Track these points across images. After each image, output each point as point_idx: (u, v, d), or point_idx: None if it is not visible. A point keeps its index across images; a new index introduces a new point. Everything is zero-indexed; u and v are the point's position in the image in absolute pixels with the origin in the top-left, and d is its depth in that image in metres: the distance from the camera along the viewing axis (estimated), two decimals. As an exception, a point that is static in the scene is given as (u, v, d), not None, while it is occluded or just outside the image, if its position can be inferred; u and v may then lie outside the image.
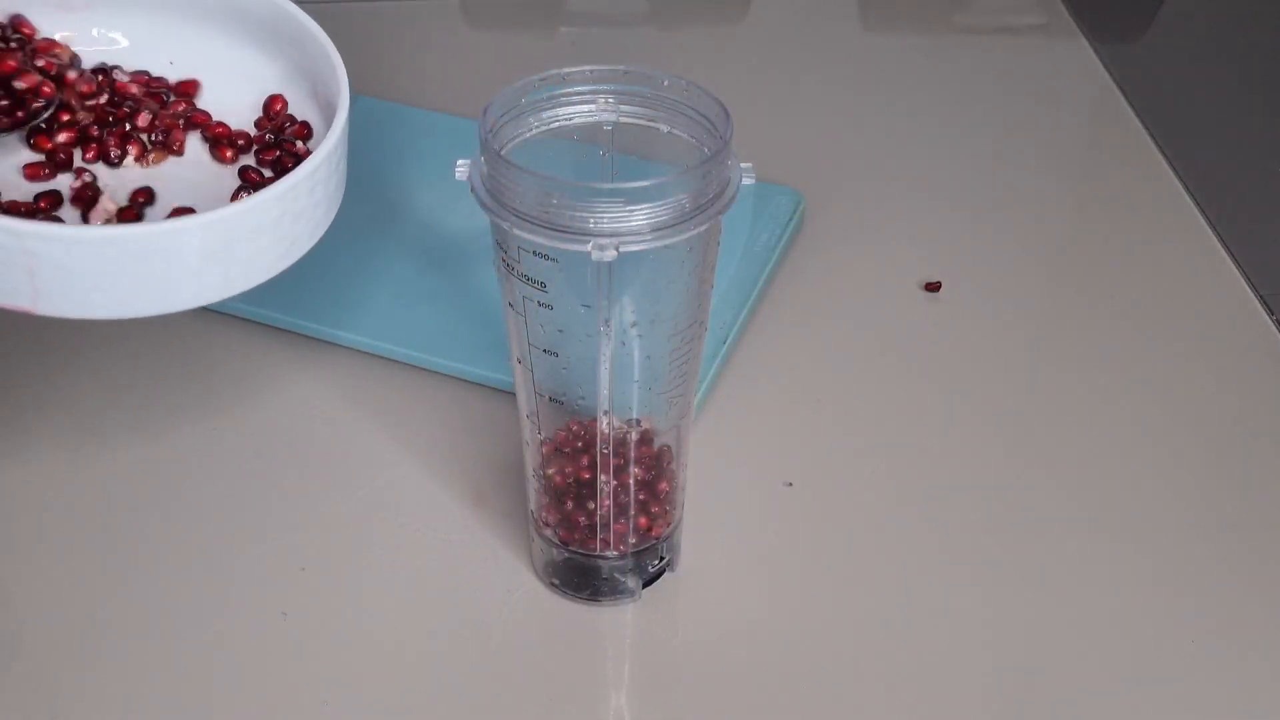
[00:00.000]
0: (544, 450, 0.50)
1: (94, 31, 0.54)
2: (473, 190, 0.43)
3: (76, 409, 0.61)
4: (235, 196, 0.51)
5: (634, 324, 0.45)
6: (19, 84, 0.50)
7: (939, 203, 0.77)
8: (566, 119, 0.46)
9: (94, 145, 0.52)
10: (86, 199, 0.50)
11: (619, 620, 0.53)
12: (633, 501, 0.50)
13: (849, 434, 0.61)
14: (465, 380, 0.62)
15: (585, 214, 0.41)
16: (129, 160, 0.53)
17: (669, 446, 0.50)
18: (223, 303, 0.65)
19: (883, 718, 0.50)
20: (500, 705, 0.49)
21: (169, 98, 0.54)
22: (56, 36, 0.53)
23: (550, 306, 0.44)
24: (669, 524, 0.52)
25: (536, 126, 0.46)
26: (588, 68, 0.46)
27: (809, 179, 0.76)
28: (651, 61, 0.47)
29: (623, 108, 0.46)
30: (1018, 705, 0.50)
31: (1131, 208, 0.77)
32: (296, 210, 0.46)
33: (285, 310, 0.65)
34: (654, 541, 0.52)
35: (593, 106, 0.46)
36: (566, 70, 0.46)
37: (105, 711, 0.49)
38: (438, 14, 0.96)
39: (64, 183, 0.51)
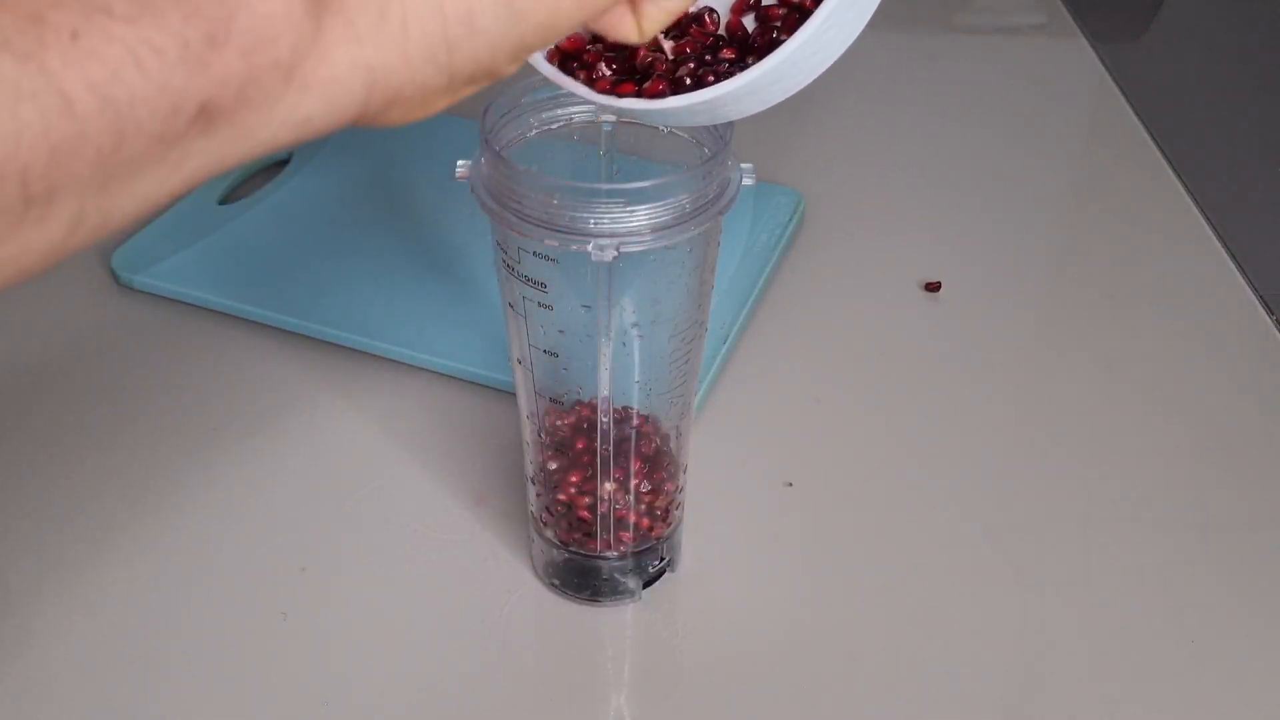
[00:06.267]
0: (544, 450, 0.50)
1: None
2: (473, 190, 0.43)
3: (74, 409, 0.61)
4: None
5: (634, 324, 0.45)
6: None
7: (939, 203, 0.77)
8: (566, 119, 0.46)
9: None
10: None
11: (619, 620, 0.53)
12: (633, 501, 0.50)
13: (849, 434, 0.61)
14: (465, 380, 0.62)
15: (585, 214, 0.41)
16: None
17: (669, 447, 0.50)
18: (221, 302, 0.66)
19: (883, 717, 0.50)
20: (500, 705, 0.49)
21: None
22: None
23: (550, 307, 0.44)
24: (669, 524, 0.52)
25: (536, 126, 0.46)
26: (588, 68, 0.46)
27: (809, 179, 0.76)
28: (651, 61, 0.47)
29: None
30: (1018, 704, 0.50)
31: (1131, 208, 0.77)
32: None
33: (284, 310, 0.65)
34: (654, 542, 0.52)
35: (593, 107, 0.46)
36: (567, 70, 0.46)
37: (105, 711, 0.49)
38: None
39: None
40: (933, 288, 0.69)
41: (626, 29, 0.36)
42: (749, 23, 0.43)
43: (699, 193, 0.42)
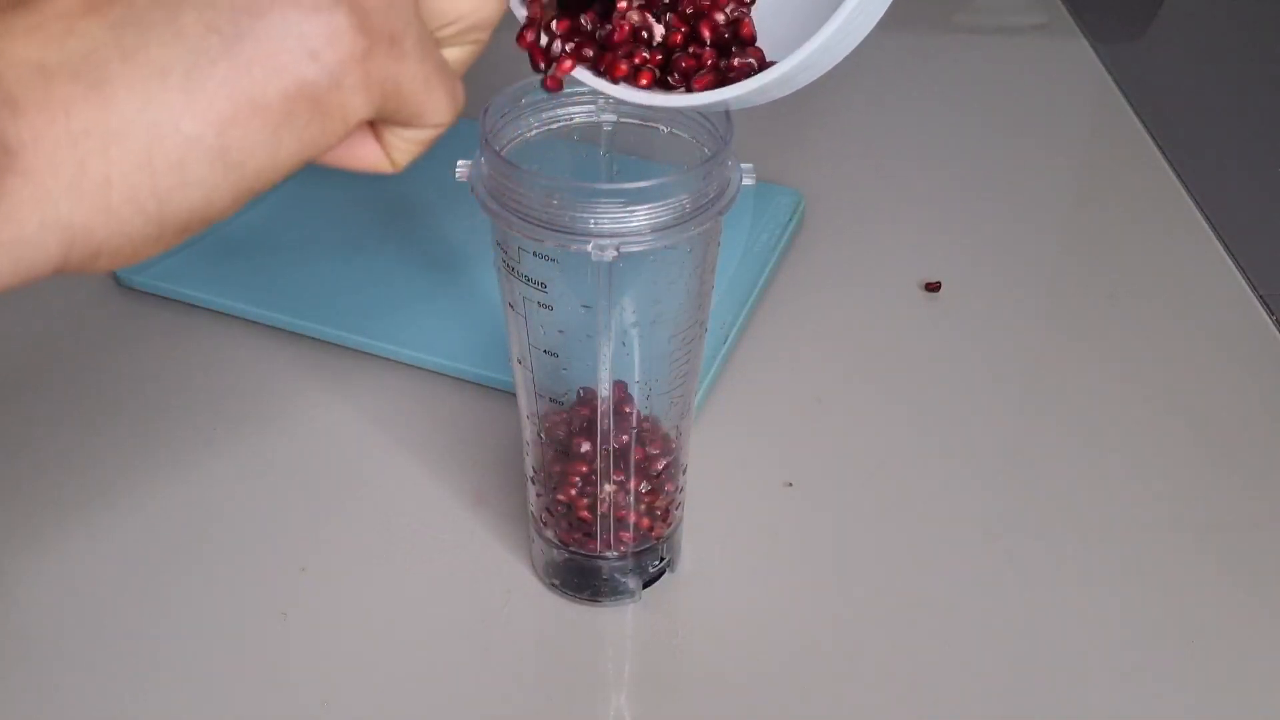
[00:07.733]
0: (544, 450, 0.50)
1: None
2: (473, 191, 0.43)
3: (74, 408, 0.61)
4: None
5: (634, 324, 0.45)
6: None
7: (939, 202, 0.77)
8: (566, 119, 0.46)
9: None
10: None
11: (619, 620, 0.53)
12: (633, 502, 0.50)
13: (849, 434, 0.61)
14: (465, 380, 0.62)
15: (585, 214, 0.41)
16: None
17: (669, 447, 0.50)
18: (221, 301, 0.66)
19: (883, 717, 0.49)
20: (501, 705, 0.49)
21: None
22: None
23: (550, 307, 0.44)
24: (669, 524, 0.52)
25: (536, 126, 0.46)
26: (588, 68, 0.46)
27: (809, 179, 0.76)
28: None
29: (623, 108, 0.46)
30: (1018, 704, 0.50)
31: (1131, 208, 0.77)
32: None
33: (284, 310, 0.65)
34: (654, 542, 0.52)
35: (593, 106, 0.46)
36: (567, 70, 0.46)
37: (106, 712, 0.49)
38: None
39: None
40: (933, 288, 0.69)
41: (373, 160, 0.36)
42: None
43: (699, 193, 0.42)
